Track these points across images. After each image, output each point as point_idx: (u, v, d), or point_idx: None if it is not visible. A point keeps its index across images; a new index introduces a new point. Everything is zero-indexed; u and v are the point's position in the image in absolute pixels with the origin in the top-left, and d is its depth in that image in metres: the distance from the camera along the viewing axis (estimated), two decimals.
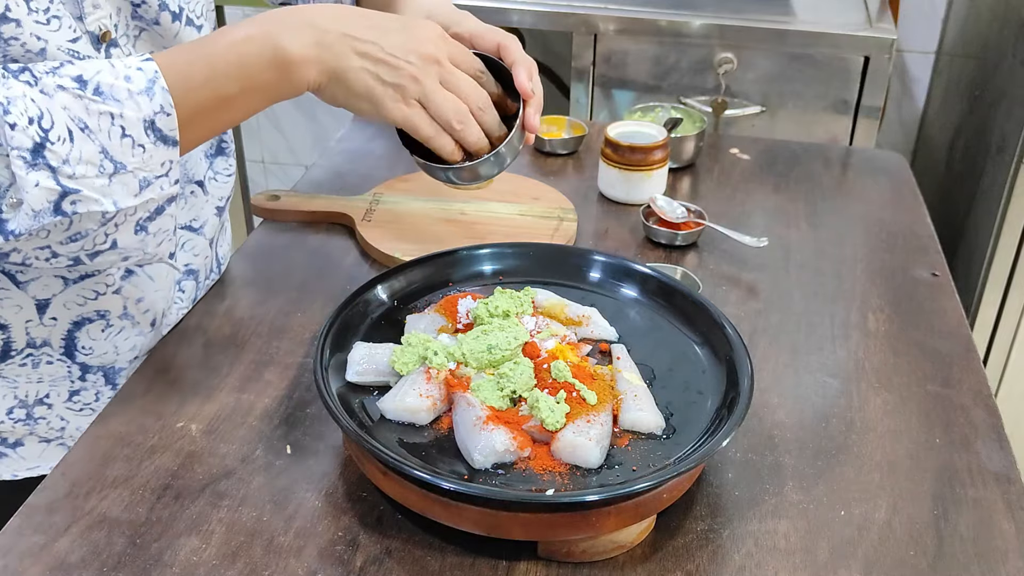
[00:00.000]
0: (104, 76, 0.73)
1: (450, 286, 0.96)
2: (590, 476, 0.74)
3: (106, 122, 0.72)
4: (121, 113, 0.73)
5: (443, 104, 0.84)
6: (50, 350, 0.92)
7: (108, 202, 0.73)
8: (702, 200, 1.27)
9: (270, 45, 0.79)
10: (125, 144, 0.73)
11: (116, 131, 0.73)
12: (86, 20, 0.81)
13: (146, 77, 0.74)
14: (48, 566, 0.72)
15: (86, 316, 0.91)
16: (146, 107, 0.74)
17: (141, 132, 0.74)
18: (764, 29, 1.80)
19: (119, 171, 0.73)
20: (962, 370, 0.96)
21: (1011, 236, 1.77)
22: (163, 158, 0.76)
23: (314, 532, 0.75)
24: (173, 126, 0.75)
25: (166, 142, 0.75)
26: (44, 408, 0.94)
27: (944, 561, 0.75)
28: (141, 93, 0.73)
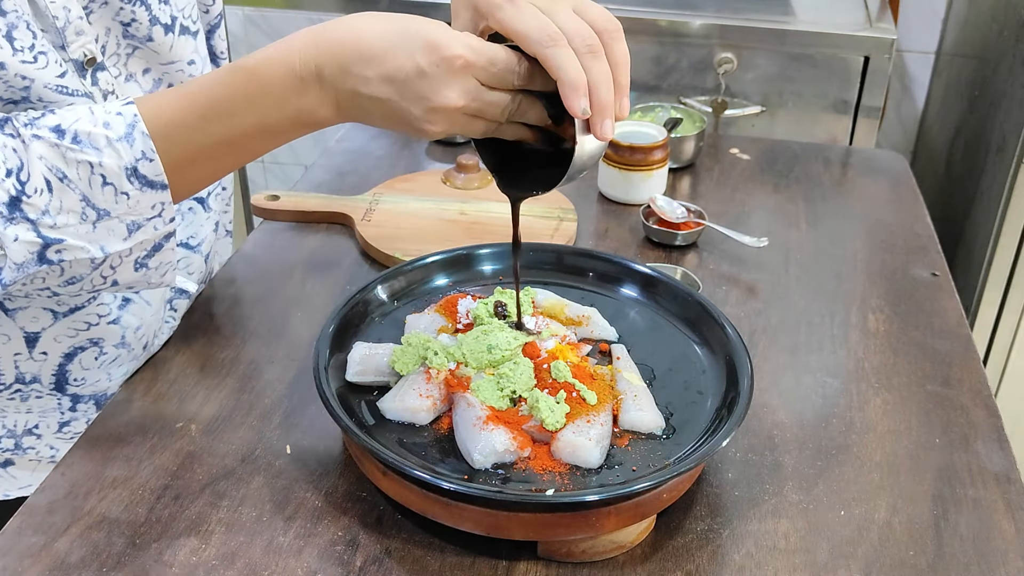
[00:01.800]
0: (82, 124, 0.71)
1: (450, 286, 0.96)
2: (590, 476, 0.74)
3: (85, 171, 0.70)
4: (100, 162, 0.70)
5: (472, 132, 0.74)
6: (39, 386, 0.90)
7: (95, 248, 0.72)
8: (702, 200, 1.27)
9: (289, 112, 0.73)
10: (107, 192, 0.71)
11: (96, 180, 0.71)
12: (69, 48, 0.79)
13: (125, 122, 0.71)
14: (48, 566, 0.72)
15: (79, 346, 0.89)
16: (126, 154, 0.71)
17: (123, 180, 0.71)
18: (764, 29, 1.80)
19: (103, 218, 0.72)
20: (962, 370, 0.96)
21: (1011, 236, 1.77)
22: (152, 202, 0.73)
23: (314, 532, 0.75)
24: (158, 171, 0.72)
25: (153, 187, 0.72)
26: (33, 439, 0.93)
27: (944, 561, 0.75)
28: (120, 140, 0.71)
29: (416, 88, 0.70)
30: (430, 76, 0.69)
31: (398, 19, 0.71)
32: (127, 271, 0.76)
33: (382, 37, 0.70)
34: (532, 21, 0.69)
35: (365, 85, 0.71)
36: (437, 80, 0.69)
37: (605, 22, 0.72)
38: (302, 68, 0.71)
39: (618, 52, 0.72)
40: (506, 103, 0.72)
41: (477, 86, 0.71)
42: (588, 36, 0.70)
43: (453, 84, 0.70)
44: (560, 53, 0.69)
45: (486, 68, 0.70)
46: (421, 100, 0.70)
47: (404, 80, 0.70)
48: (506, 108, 0.73)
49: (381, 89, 0.71)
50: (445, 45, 0.69)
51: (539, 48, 0.69)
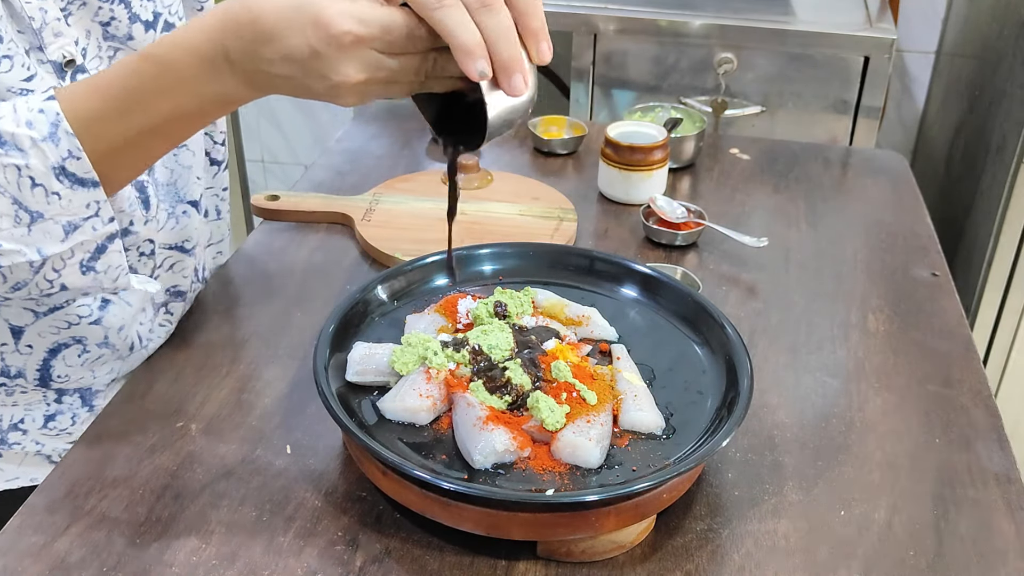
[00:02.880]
0: (5, 124, 0.69)
1: (450, 286, 0.96)
2: (590, 476, 0.74)
3: (12, 174, 0.69)
4: (27, 164, 0.69)
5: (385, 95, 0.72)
6: (24, 381, 0.90)
7: (32, 251, 0.71)
8: (702, 200, 1.27)
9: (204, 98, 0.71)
10: (38, 193, 0.70)
11: (25, 182, 0.69)
12: (47, 49, 0.78)
13: (48, 120, 0.69)
14: (48, 566, 0.72)
15: (62, 342, 0.89)
16: (52, 154, 0.69)
17: (52, 180, 0.70)
18: (764, 29, 1.80)
19: (37, 220, 0.70)
20: (962, 370, 0.96)
21: (1011, 236, 1.77)
22: (86, 200, 0.72)
23: (314, 532, 0.75)
24: (87, 168, 0.70)
25: (84, 184, 0.71)
26: (19, 434, 0.93)
27: (944, 561, 0.75)
28: (45, 140, 0.69)
29: (314, 67, 0.68)
30: (323, 56, 0.67)
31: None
32: (73, 275, 0.74)
33: (277, 15, 0.67)
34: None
35: (269, 65, 0.69)
36: (331, 59, 0.67)
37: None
38: (211, 52, 0.69)
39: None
40: (416, 65, 0.69)
41: (377, 56, 0.68)
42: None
43: (348, 61, 0.67)
44: (447, 15, 0.65)
45: (381, 38, 0.67)
46: (322, 78, 0.68)
47: (301, 60, 0.68)
48: (419, 70, 0.70)
49: (283, 68, 0.69)
50: (332, 22, 0.66)
51: (426, 12, 0.66)
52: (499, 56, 0.67)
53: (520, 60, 0.68)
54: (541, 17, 0.70)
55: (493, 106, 0.69)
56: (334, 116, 2.64)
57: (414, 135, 1.45)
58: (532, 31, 0.69)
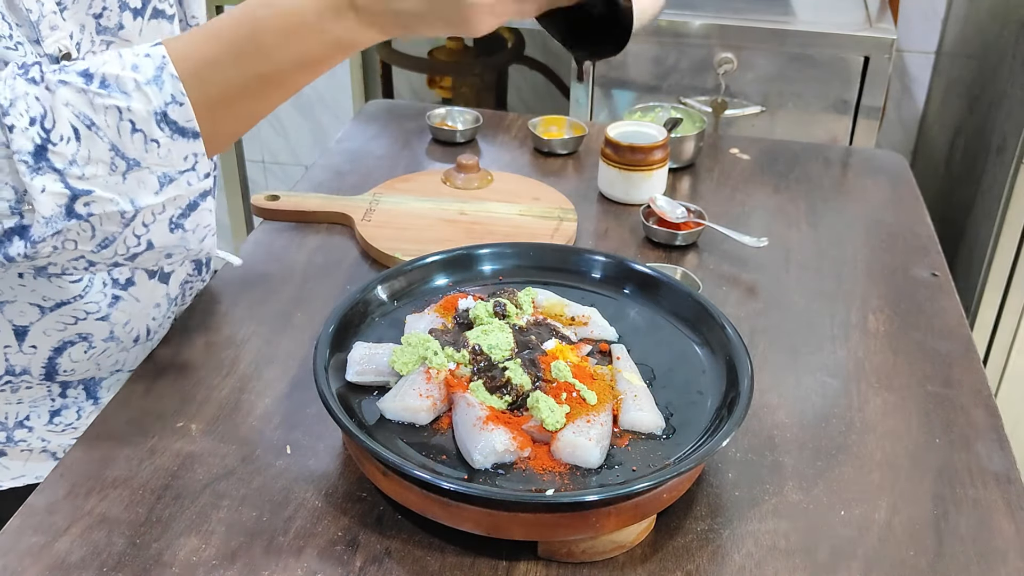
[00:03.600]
0: (110, 67, 0.68)
1: (450, 286, 0.96)
2: (590, 476, 0.74)
3: (113, 117, 0.68)
4: (128, 106, 0.68)
5: None
6: (29, 377, 0.90)
7: (125, 201, 0.69)
8: (702, 200, 1.27)
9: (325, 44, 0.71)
10: (137, 139, 0.68)
11: (126, 126, 0.68)
12: (44, 43, 0.77)
13: (154, 64, 0.68)
14: (48, 566, 0.72)
15: (68, 340, 0.89)
16: (155, 98, 0.68)
17: (153, 126, 0.69)
18: (764, 29, 1.80)
19: (133, 168, 0.69)
20: (962, 370, 0.96)
21: (1011, 236, 1.77)
22: (184, 152, 0.70)
23: (314, 532, 0.75)
24: (189, 116, 0.69)
25: (184, 134, 0.70)
26: (24, 431, 0.93)
27: (944, 561, 0.75)
28: (149, 83, 0.68)
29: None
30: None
31: None
32: (162, 231, 0.72)
33: None
34: None
35: (398, 2, 0.69)
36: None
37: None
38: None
39: None
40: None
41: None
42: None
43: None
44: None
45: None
46: (455, 4, 0.69)
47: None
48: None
49: (414, 4, 0.69)
50: None
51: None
52: None
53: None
54: None
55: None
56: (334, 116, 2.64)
57: (414, 135, 1.45)
58: None
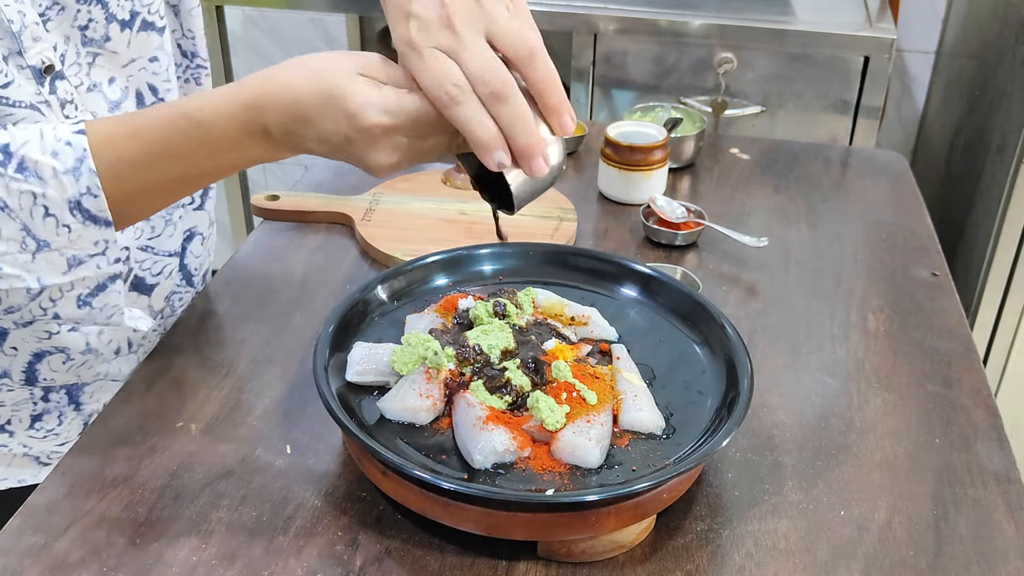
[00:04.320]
0: (30, 150, 0.69)
1: (450, 286, 0.96)
2: (590, 476, 0.74)
3: (27, 201, 0.69)
4: (44, 193, 0.69)
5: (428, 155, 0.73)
6: (10, 381, 0.90)
7: (32, 279, 0.71)
8: (702, 200, 1.27)
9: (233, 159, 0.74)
10: (48, 223, 0.70)
11: (39, 210, 0.69)
12: (26, 55, 0.78)
13: (74, 155, 0.70)
14: (48, 566, 0.72)
15: (46, 350, 0.89)
16: (71, 188, 0.70)
17: (66, 212, 0.70)
18: (764, 29, 1.80)
19: (43, 248, 0.71)
20: (962, 370, 0.96)
21: (1011, 236, 1.77)
22: (95, 237, 0.72)
23: (314, 532, 0.75)
24: (102, 207, 0.71)
25: (96, 223, 0.71)
26: (5, 436, 0.93)
27: (944, 561, 0.75)
28: (67, 173, 0.70)
29: (348, 151, 0.70)
30: (356, 143, 0.69)
31: (324, 76, 0.69)
32: (69, 306, 0.75)
33: (310, 99, 0.69)
34: (432, 76, 0.67)
35: (305, 141, 0.71)
36: (363, 146, 0.69)
37: (516, 47, 0.69)
38: (251, 126, 0.71)
39: (538, 77, 0.69)
40: (446, 142, 0.72)
41: (408, 140, 0.70)
42: (491, 79, 0.67)
43: (379, 147, 0.69)
44: (463, 111, 0.67)
45: (410, 126, 0.69)
46: (356, 160, 0.71)
47: (337, 144, 0.70)
48: (449, 145, 0.72)
49: (321, 148, 0.71)
50: (361, 115, 0.68)
51: (443, 109, 0.68)
52: (517, 144, 0.68)
53: (539, 143, 0.69)
54: (560, 92, 0.70)
55: (516, 186, 0.71)
56: None
57: None
58: (552, 108, 0.70)
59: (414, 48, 0.68)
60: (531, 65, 0.69)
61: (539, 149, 0.69)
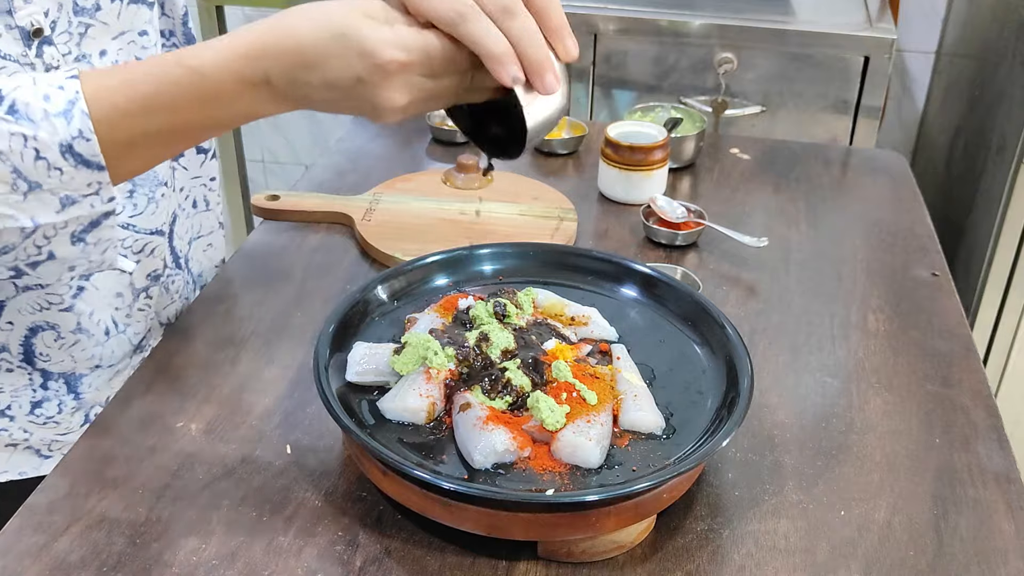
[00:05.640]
0: (21, 93, 0.69)
1: (450, 286, 0.96)
2: (590, 476, 0.74)
3: (18, 143, 0.68)
4: (35, 135, 0.68)
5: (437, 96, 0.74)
6: (9, 356, 0.90)
7: (25, 218, 0.70)
8: (702, 200, 1.27)
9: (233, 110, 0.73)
10: (40, 166, 0.69)
11: (29, 153, 0.69)
12: (16, 14, 0.78)
13: (66, 98, 0.69)
14: (48, 566, 0.72)
15: (39, 324, 0.89)
16: (63, 130, 0.69)
17: (57, 155, 0.69)
18: (764, 29, 1.80)
19: (34, 189, 0.70)
20: (962, 370, 0.96)
21: (1011, 236, 1.77)
22: (88, 179, 0.71)
23: (314, 532, 0.75)
24: (94, 152, 0.70)
25: (89, 166, 0.70)
26: (6, 420, 0.93)
27: (944, 561, 0.75)
28: (58, 115, 0.69)
29: (359, 92, 0.70)
30: (368, 82, 0.69)
31: (334, 18, 0.69)
32: (63, 244, 0.73)
33: (319, 43, 0.69)
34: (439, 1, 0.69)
35: (310, 89, 0.71)
36: (376, 85, 0.69)
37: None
38: (252, 75, 0.71)
39: None
40: (456, 83, 0.72)
41: (420, 79, 0.70)
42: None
43: (393, 86, 0.70)
44: (473, 28, 0.68)
45: (424, 63, 0.70)
46: (366, 101, 0.71)
47: (346, 87, 0.70)
48: (458, 86, 0.72)
49: (327, 94, 0.71)
50: (377, 51, 0.68)
51: (453, 30, 0.68)
52: (528, 58, 0.69)
53: (549, 59, 0.70)
54: (561, 14, 0.71)
55: (530, 111, 0.71)
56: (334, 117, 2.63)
57: (414, 135, 1.45)
58: (554, 29, 0.71)
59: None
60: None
61: (550, 63, 0.70)
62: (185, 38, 1.00)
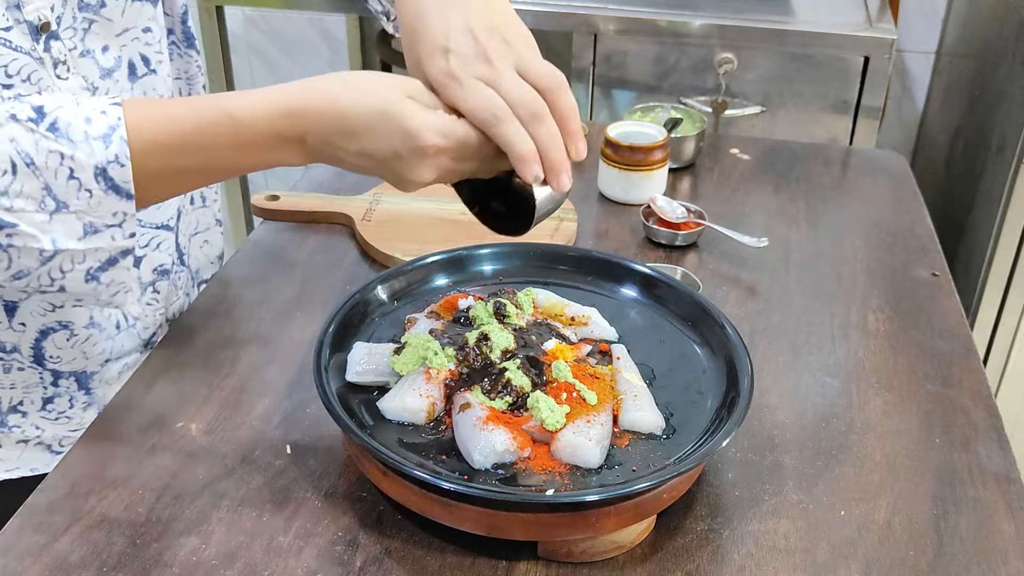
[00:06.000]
0: (64, 113, 0.71)
1: (450, 286, 0.96)
2: (590, 476, 0.74)
3: (55, 160, 0.70)
4: (72, 155, 0.71)
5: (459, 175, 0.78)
6: (20, 356, 0.91)
7: (47, 239, 0.72)
8: (702, 200, 1.27)
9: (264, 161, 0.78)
10: (71, 186, 0.71)
11: (64, 171, 0.71)
12: (24, 8, 0.79)
13: (107, 123, 0.72)
14: (48, 566, 0.72)
15: (50, 326, 0.90)
16: (100, 154, 0.71)
17: (90, 177, 0.71)
18: (764, 29, 1.80)
19: (61, 210, 0.71)
20: (962, 370, 0.96)
21: (1011, 236, 1.77)
22: (114, 208, 0.73)
23: (314, 532, 0.75)
24: (127, 178, 0.72)
25: (119, 193, 0.73)
26: (18, 416, 0.93)
27: (944, 561, 0.75)
28: (98, 138, 0.71)
29: (391, 167, 0.75)
30: (405, 159, 0.74)
31: (380, 95, 0.74)
32: (76, 280, 0.75)
33: (361, 116, 0.74)
34: (476, 99, 0.74)
35: (345, 155, 0.76)
36: (411, 163, 0.74)
37: (547, 79, 0.76)
38: (289, 132, 0.75)
39: (564, 105, 0.76)
40: (477, 167, 0.77)
41: (450, 162, 0.75)
42: (531, 102, 0.74)
43: (426, 166, 0.74)
44: (507, 129, 0.73)
45: (457, 150, 0.75)
46: (396, 175, 0.76)
47: (381, 159, 0.75)
48: (479, 170, 0.78)
49: (360, 161, 0.76)
50: (419, 134, 0.72)
51: (487, 128, 0.74)
52: (550, 160, 0.74)
53: (567, 162, 0.76)
54: (578, 120, 0.77)
55: (541, 200, 0.77)
56: None
57: None
58: (571, 133, 0.76)
59: (455, 78, 0.75)
60: (559, 95, 0.76)
61: (567, 166, 0.75)
62: (184, 36, 1.01)
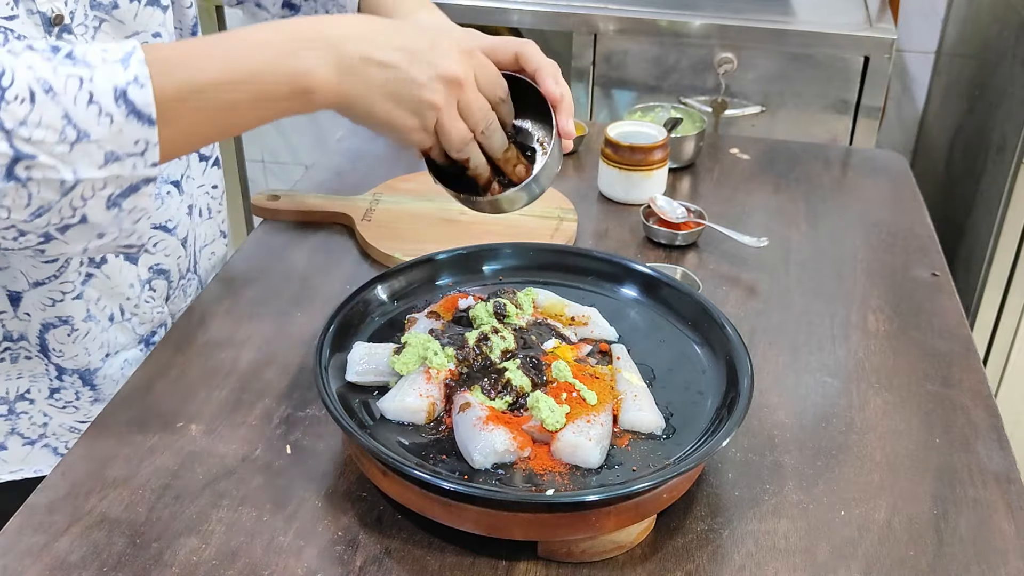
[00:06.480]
0: (79, 47, 0.69)
1: (450, 286, 0.96)
2: (590, 476, 0.74)
3: (73, 85, 0.67)
4: (91, 77, 0.67)
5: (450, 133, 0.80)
6: (27, 344, 0.92)
7: (67, 170, 0.69)
8: (702, 200, 1.27)
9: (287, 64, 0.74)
10: (91, 111, 0.68)
11: (83, 95, 0.68)
12: (37, 0, 0.79)
13: (124, 50, 0.69)
14: (48, 566, 0.72)
15: (51, 321, 0.91)
16: (119, 75, 0.68)
17: (111, 100, 0.68)
18: (764, 29, 1.80)
19: (82, 139, 0.68)
20: (962, 370, 0.96)
21: (1011, 236, 1.77)
22: (136, 135, 0.70)
23: (314, 532, 0.75)
24: (147, 100, 0.69)
25: (140, 118, 0.69)
26: (26, 404, 0.95)
27: (944, 561, 0.75)
28: (116, 61, 0.68)
29: (426, 56, 0.76)
30: (440, 49, 0.77)
31: None
32: (98, 207, 0.72)
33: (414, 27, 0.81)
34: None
35: (377, 50, 0.75)
36: (446, 54, 0.77)
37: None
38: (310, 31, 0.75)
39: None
40: (485, 112, 0.80)
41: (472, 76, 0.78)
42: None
43: (459, 59, 0.77)
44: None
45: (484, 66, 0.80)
46: (428, 66, 0.76)
47: (415, 49, 0.76)
48: (483, 119, 0.80)
49: (392, 55, 0.75)
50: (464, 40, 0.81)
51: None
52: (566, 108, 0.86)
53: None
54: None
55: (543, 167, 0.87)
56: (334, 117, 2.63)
57: None
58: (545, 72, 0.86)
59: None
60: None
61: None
62: None
